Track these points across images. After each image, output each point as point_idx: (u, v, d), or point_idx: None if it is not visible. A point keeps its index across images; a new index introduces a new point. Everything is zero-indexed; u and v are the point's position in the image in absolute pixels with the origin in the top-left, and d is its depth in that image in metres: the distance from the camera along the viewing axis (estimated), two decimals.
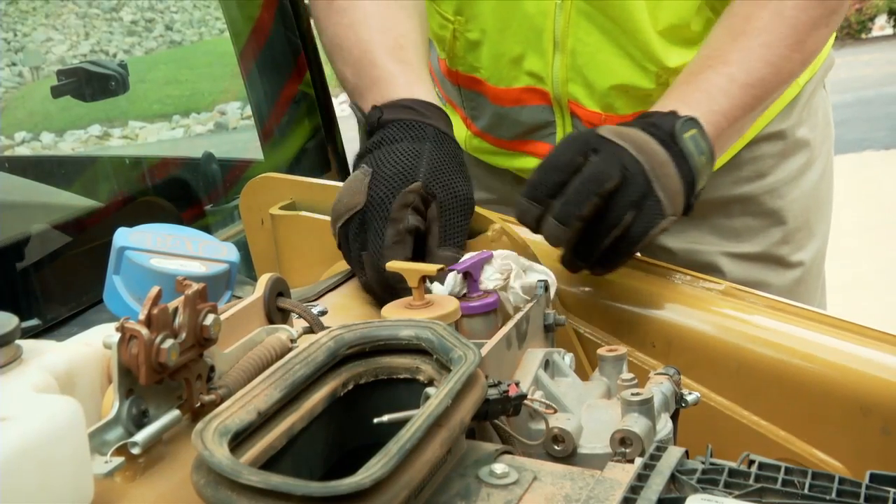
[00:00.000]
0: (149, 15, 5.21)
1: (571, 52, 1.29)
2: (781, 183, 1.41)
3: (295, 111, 1.82)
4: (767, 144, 1.39)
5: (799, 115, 1.41)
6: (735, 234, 1.41)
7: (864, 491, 0.58)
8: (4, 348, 0.61)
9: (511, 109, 1.38)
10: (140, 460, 0.61)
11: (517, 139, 1.42)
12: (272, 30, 1.80)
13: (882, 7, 11.96)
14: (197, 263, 0.88)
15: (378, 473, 0.53)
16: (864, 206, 5.58)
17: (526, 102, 1.36)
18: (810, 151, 1.43)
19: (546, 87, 1.33)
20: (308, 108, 1.82)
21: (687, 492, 0.59)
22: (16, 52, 3.24)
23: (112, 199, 1.77)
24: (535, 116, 1.37)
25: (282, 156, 1.83)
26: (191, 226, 0.97)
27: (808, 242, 1.44)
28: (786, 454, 0.99)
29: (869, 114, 7.90)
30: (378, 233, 0.98)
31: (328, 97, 1.88)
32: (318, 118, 1.81)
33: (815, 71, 1.42)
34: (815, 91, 1.44)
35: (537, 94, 1.35)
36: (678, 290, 1.09)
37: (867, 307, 3.65)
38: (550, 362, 0.88)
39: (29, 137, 2.98)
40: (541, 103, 1.35)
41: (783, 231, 1.41)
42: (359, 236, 1.01)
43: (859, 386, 0.97)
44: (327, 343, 0.69)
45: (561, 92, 1.32)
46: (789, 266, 1.42)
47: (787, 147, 1.41)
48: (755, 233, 1.41)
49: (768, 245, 1.41)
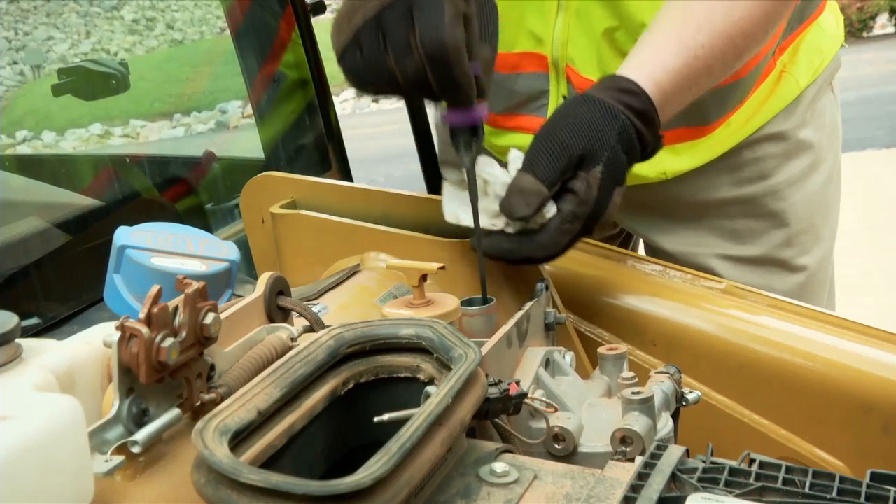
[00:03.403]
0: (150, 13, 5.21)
1: (575, 12, 1.28)
2: (784, 185, 1.39)
3: (275, 90, 1.84)
4: (769, 145, 1.38)
5: (802, 117, 1.39)
6: (736, 235, 1.40)
7: (865, 490, 0.58)
8: (4, 347, 0.61)
9: (507, 77, 1.36)
10: (140, 459, 0.61)
11: (507, 113, 1.40)
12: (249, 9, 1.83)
13: (883, 6, 11.96)
14: (197, 262, 0.88)
15: (378, 472, 0.53)
16: (866, 204, 5.58)
17: (523, 69, 1.35)
18: (815, 153, 1.42)
19: (545, 50, 1.32)
20: (291, 88, 1.83)
21: (688, 491, 0.59)
22: (17, 50, 3.24)
23: (112, 198, 1.77)
24: (530, 85, 1.35)
25: (271, 129, 1.84)
26: (191, 224, 0.97)
27: (813, 246, 1.42)
28: (787, 453, 0.99)
29: (870, 112, 7.89)
30: (434, 7, 0.91)
31: (329, 97, 1.88)
32: (310, 94, 1.82)
33: (819, 72, 1.40)
34: (820, 93, 1.42)
35: (535, 60, 1.33)
36: (679, 289, 1.09)
37: (868, 306, 3.64)
38: (551, 361, 0.88)
39: (30, 136, 2.99)
40: (538, 70, 1.34)
41: (786, 234, 1.40)
42: (402, 21, 0.93)
43: (860, 385, 0.97)
44: (327, 342, 0.69)
45: (560, 55, 1.31)
46: (793, 270, 1.40)
47: (790, 148, 1.39)
48: (756, 235, 1.40)
49: (770, 248, 1.40)
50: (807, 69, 1.38)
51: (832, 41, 1.42)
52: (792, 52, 1.37)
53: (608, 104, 1.01)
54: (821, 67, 1.40)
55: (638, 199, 1.42)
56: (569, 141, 0.98)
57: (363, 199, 1.15)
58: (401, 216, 1.11)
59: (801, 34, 1.38)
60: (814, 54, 1.39)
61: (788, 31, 1.35)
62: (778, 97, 1.36)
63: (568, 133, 0.98)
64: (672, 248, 1.40)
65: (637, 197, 1.42)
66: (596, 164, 0.98)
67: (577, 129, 0.98)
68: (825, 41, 1.41)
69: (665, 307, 1.07)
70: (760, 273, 1.38)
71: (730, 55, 1.13)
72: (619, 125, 1.00)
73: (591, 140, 0.98)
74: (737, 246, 1.40)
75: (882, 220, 5.50)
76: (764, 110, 1.36)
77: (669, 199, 1.40)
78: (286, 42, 1.83)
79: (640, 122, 1.02)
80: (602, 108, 1.00)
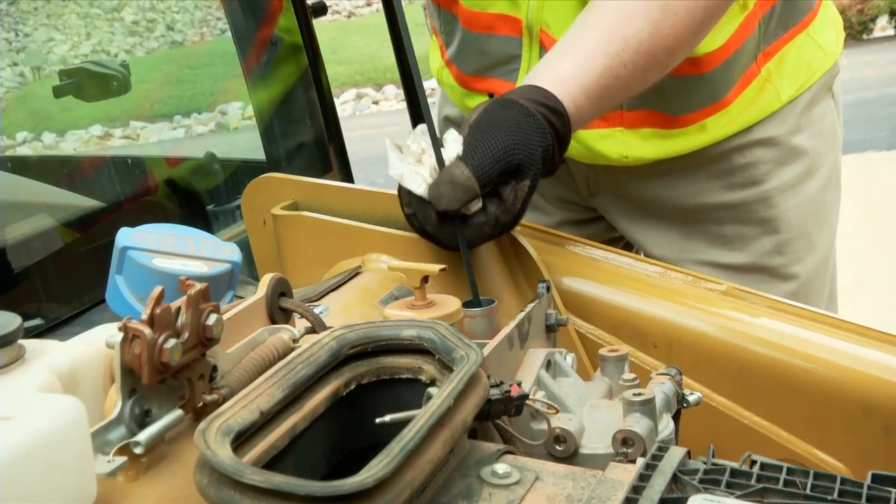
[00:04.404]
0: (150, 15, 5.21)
1: None
2: (777, 191, 1.37)
3: (272, 53, 1.84)
4: (761, 150, 1.36)
5: (796, 122, 1.37)
6: (725, 241, 1.38)
7: (866, 491, 0.58)
8: (7, 348, 0.61)
9: (480, 36, 1.36)
10: (142, 460, 0.61)
11: (477, 74, 1.40)
12: None
13: (883, 8, 11.96)
14: (199, 263, 0.89)
15: (380, 473, 0.53)
16: (866, 206, 5.58)
17: (496, 30, 1.34)
18: (810, 160, 1.39)
19: (520, 13, 1.31)
20: (287, 53, 1.83)
21: (689, 492, 0.59)
22: (17, 52, 3.24)
23: (114, 199, 1.77)
24: (501, 48, 1.35)
25: (265, 95, 1.84)
26: (193, 226, 0.97)
27: (806, 255, 1.40)
28: (787, 454, 0.99)
29: (870, 114, 7.89)
30: None
31: (330, 98, 1.88)
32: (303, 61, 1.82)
33: (816, 79, 1.38)
34: (816, 99, 1.39)
35: (509, 23, 1.32)
36: (680, 291, 1.09)
37: (869, 308, 3.65)
38: (552, 362, 0.88)
39: (30, 137, 2.98)
40: (510, 34, 1.33)
41: (776, 241, 1.38)
42: None
43: (861, 386, 0.97)
44: (329, 343, 0.69)
45: (534, 18, 1.29)
46: (784, 279, 1.38)
47: (783, 154, 1.37)
48: (746, 241, 1.38)
49: (759, 255, 1.38)
50: (791, 82, 1.35)
51: (825, 58, 1.39)
52: (778, 61, 1.34)
53: (540, 122, 1.02)
54: (808, 83, 1.37)
55: (627, 197, 1.41)
56: (512, 147, 0.99)
57: (364, 201, 1.15)
58: (402, 218, 1.11)
59: (788, 43, 1.35)
60: (801, 69, 1.36)
61: (773, 37, 1.33)
62: (759, 106, 1.34)
63: (511, 139, 0.99)
64: (660, 254, 1.39)
65: (626, 194, 1.41)
66: (526, 177, 1.00)
67: (517, 137, 1.00)
68: (817, 57, 1.38)
69: (666, 309, 1.07)
70: (748, 281, 1.33)
71: (651, 71, 1.14)
72: (546, 144, 1.02)
73: (527, 153, 1.00)
74: (725, 252, 1.38)
75: (882, 221, 5.50)
76: (743, 116, 1.34)
77: (659, 200, 1.39)
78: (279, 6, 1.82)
79: (558, 145, 1.04)
80: (536, 124, 1.02)
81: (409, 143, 1.01)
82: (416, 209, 1.02)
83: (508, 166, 0.99)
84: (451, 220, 1.00)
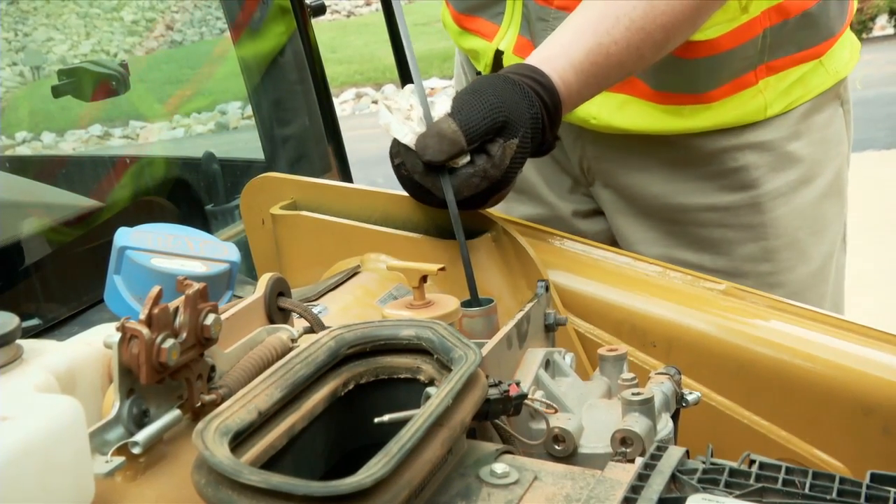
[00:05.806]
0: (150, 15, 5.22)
1: None
2: (768, 197, 1.34)
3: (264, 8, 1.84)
4: (753, 154, 1.34)
5: (793, 129, 1.35)
6: (710, 245, 1.36)
7: (865, 491, 0.58)
8: (5, 348, 0.61)
9: None
10: (141, 460, 0.61)
11: (468, 13, 1.42)
12: None
13: (883, 7, 11.95)
14: (198, 263, 0.89)
15: (379, 473, 0.53)
16: (865, 205, 5.58)
17: None
18: (806, 167, 1.36)
19: None
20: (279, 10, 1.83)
21: (688, 492, 0.59)
22: (17, 51, 3.24)
23: (113, 199, 1.77)
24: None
25: (256, 48, 1.84)
26: (191, 226, 0.97)
27: (797, 264, 1.36)
28: (786, 454, 0.99)
29: (870, 114, 7.89)
30: None
31: (329, 98, 1.88)
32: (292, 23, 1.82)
33: (813, 96, 1.35)
34: (819, 106, 1.36)
35: None
36: (679, 290, 1.09)
37: (868, 307, 3.64)
38: (551, 362, 0.88)
39: (30, 137, 2.98)
40: None
41: (762, 247, 1.35)
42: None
43: (860, 386, 0.97)
44: (328, 343, 0.69)
45: None
46: (769, 286, 1.32)
47: (776, 160, 1.34)
48: (731, 245, 1.36)
49: (743, 260, 1.35)
50: (781, 101, 1.33)
51: (827, 77, 1.36)
52: (780, 79, 1.32)
53: (527, 90, 1.05)
54: (801, 99, 1.35)
55: (618, 189, 1.40)
56: (498, 105, 1.02)
57: (363, 201, 1.15)
58: (401, 217, 1.11)
59: (798, 65, 1.33)
60: (797, 88, 1.34)
61: (781, 52, 1.31)
62: (743, 112, 1.32)
63: (497, 99, 1.02)
64: (645, 253, 1.36)
65: (618, 185, 1.40)
66: (514, 135, 1.02)
67: (503, 99, 1.03)
68: (817, 77, 1.35)
69: (665, 308, 1.07)
70: None
71: (646, 49, 1.14)
72: (534, 111, 1.04)
73: (514, 112, 1.03)
74: (708, 257, 1.36)
75: (882, 220, 5.50)
76: (723, 117, 1.32)
77: (650, 195, 1.38)
78: None
79: (548, 118, 1.06)
80: (522, 91, 1.05)
81: (399, 98, 1.04)
82: (405, 158, 1.04)
83: (495, 123, 1.01)
84: (437, 172, 1.02)
